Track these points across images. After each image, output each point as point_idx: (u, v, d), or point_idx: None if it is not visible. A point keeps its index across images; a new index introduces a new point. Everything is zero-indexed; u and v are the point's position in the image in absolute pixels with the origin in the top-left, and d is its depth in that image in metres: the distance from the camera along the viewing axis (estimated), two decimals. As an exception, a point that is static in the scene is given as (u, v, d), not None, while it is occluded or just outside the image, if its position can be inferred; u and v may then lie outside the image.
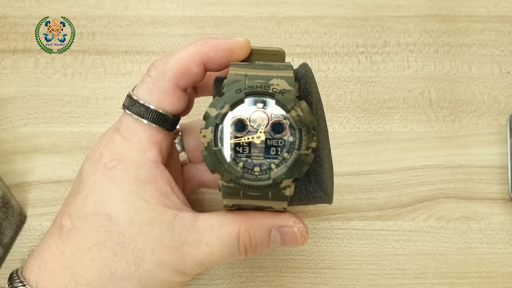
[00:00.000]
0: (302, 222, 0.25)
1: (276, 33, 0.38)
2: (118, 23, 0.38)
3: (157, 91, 0.24)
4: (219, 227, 0.23)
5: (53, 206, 0.34)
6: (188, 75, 0.24)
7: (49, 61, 0.37)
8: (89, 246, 0.23)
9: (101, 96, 0.37)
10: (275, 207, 0.24)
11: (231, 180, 0.23)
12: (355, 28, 0.38)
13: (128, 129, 0.24)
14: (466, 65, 0.37)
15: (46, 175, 0.34)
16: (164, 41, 0.38)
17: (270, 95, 0.23)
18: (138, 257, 0.23)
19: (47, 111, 0.36)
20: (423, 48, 0.38)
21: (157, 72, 0.24)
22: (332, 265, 0.33)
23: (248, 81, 0.23)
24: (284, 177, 0.23)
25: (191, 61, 0.24)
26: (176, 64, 0.24)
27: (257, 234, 0.24)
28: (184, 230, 0.23)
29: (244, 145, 0.23)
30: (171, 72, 0.24)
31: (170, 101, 0.24)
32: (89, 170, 0.24)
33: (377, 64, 0.37)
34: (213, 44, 0.24)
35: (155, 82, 0.24)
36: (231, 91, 0.23)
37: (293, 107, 0.23)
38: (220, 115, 0.23)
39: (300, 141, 0.23)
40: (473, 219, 0.34)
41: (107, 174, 0.24)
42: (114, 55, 0.37)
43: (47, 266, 0.23)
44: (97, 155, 0.24)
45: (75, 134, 0.35)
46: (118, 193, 0.23)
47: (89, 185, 0.24)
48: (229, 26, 0.38)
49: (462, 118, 0.36)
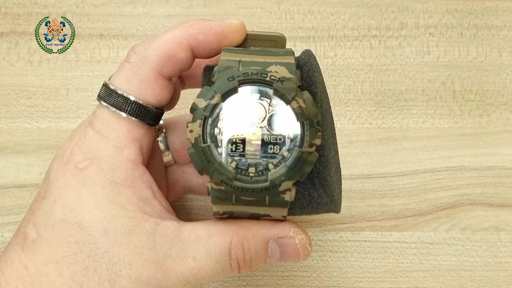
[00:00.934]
0: (304, 232, 0.24)
1: (276, 13, 0.37)
2: (92, 2, 0.37)
3: (138, 79, 0.23)
4: (207, 238, 0.22)
5: (16, 215, 0.33)
6: (173, 61, 0.23)
7: (12, 46, 0.36)
8: (57, 259, 0.22)
9: (72, 86, 0.35)
10: (273, 215, 0.23)
11: (221, 182, 0.22)
12: (366, 7, 0.37)
13: (104, 123, 0.23)
14: (496, 50, 0.36)
15: (8, 179, 0.33)
16: (145, 23, 0.37)
17: (268, 84, 0.22)
18: (113, 273, 0.22)
19: (10, 104, 0.35)
20: (446, 31, 0.37)
21: (137, 57, 0.23)
22: (341, 283, 0.32)
23: (242, 68, 0.22)
24: (284, 178, 0.22)
25: (177, 45, 0.23)
26: (159, 48, 0.23)
27: (252, 247, 0.23)
28: (167, 241, 0.22)
29: (237, 142, 0.22)
30: (154, 58, 0.23)
31: (152, 91, 0.23)
32: (57, 172, 0.23)
33: (393, 49, 0.36)
34: (203, 26, 0.23)
35: (135, 69, 0.23)
36: (222, 79, 0.22)
37: (294, 97, 0.22)
38: (209, 106, 0.22)
39: (302, 137, 0.22)
40: (503, 229, 0.33)
41: (78, 176, 0.23)
42: (88, 39, 0.36)
43: (8, 282, 0.22)
44: (67, 154, 0.23)
45: (42, 131, 0.34)
46: (91, 198, 0.22)
47: (57, 188, 0.23)
48: (220, 5, 0.37)
49: (491, 112, 0.35)
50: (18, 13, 0.36)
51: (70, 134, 0.25)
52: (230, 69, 0.22)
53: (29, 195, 0.32)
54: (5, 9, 0.36)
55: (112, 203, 0.22)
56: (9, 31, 0.36)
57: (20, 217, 0.32)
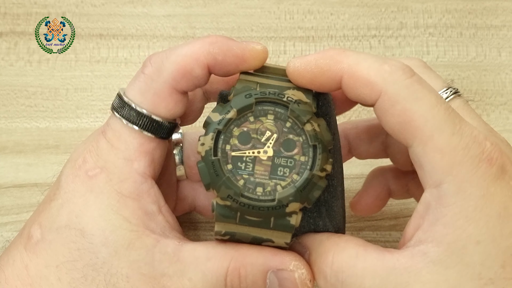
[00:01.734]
0: (305, 267, 0.23)
1: (275, 13, 0.37)
2: (92, 2, 0.37)
3: (151, 93, 0.23)
4: (205, 261, 0.22)
5: (16, 215, 0.33)
6: (188, 78, 0.23)
7: (12, 46, 0.36)
8: (57, 263, 0.22)
9: (71, 86, 0.35)
10: (276, 241, 0.23)
11: (228, 196, 0.21)
12: (366, 7, 0.37)
13: (115, 134, 0.23)
14: (495, 50, 0.36)
15: (7, 179, 0.33)
16: (144, 23, 0.37)
17: (284, 104, 0.22)
18: (110, 284, 0.22)
19: (9, 104, 0.35)
20: (445, 31, 0.37)
21: (153, 69, 0.23)
22: None
23: (260, 89, 0.23)
24: (292, 199, 0.21)
25: (194, 61, 0.23)
26: (176, 62, 0.23)
27: (249, 276, 0.22)
28: (165, 259, 0.22)
29: (247, 161, 0.22)
30: (169, 72, 0.23)
31: (165, 105, 0.23)
32: (68, 176, 0.23)
33: (392, 49, 0.36)
34: (224, 46, 0.23)
35: (149, 81, 0.23)
36: (239, 96, 0.22)
37: (309, 120, 0.22)
38: (224, 120, 0.22)
39: (313, 160, 0.22)
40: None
41: (88, 183, 0.23)
42: (87, 39, 0.36)
43: (7, 281, 0.22)
44: (80, 160, 0.23)
45: (42, 131, 0.34)
46: (96, 206, 0.22)
47: (66, 192, 0.23)
48: (220, 5, 0.37)
49: (490, 112, 0.35)
50: (18, 13, 0.36)
51: (86, 139, 0.25)
52: (248, 89, 0.22)
53: (29, 195, 0.32)
54: (5, 9, 0.37)
55: (116, 214, 0.22)
56: (9, 31, 0.36)
57: (19, 217, 0.32)
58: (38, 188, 0.33)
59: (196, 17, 0.37)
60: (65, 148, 0.34)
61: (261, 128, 0.22)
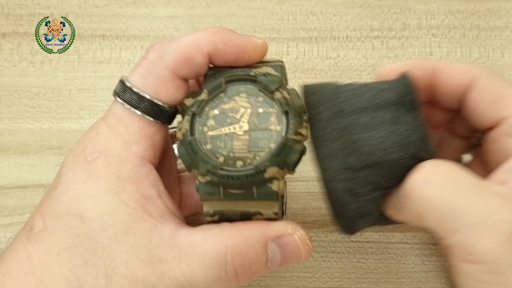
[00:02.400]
0: (302, 228, 0.23)
1: (278, 14, 0.37)
2: (95, 2, 0.37)
3: (153, 77, 0.24)
4: (202, 243, 0.22)
5: (19, 215, 0.33)
6: (190, 64, 0.23)
7: (15, 46, 0.36)
8: (58, 250, 0.22)
9: (74, 87, 0.36)
10: (265, 212, 0.23)
11: (207, 171, 0.22)
12: (369, 8, 0.37)
13: (116, 118, 0.24)
14: (498, 51, 0.36)
15: (11, 179, 0.33)
16: (147, 24, 0.37)
17: (252, 79, 0.23)
18: (110, 269, 0.22)
19: (12, 105, 0.35)
20: (448, 32, 0.37)
21: (155, 55, 0.24)
22: (343, 284, 0.31)
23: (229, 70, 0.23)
24: (268, 163, 0.22)
25: (196, 49, 0.23)
26: (178, 49, 0.23)
27: (251, 250, 0.22)
28: (162, 244, 0.22)
29: (225, 139, 0.22)
30: (171, 57, 0.23)
31: (166, 90, 0.24)
32: (68, 164, 0.24)
33: (395, 50, 0.37)
34: (225, 36, 0.23)
35: (151, 66, 0.24)
36: (209, 78, 0.23)
37: (277, 88, 0.22)
38: (197, 103, 0.23)
39: (287, 125, 0.22)
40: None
41: (86, 168, 0.23)
42: (90, 40, 0.36)
43: (10, 272, 0.22)
44: (80, 148, 0.24)
45: (45, 132, 0.34)
46: (95, 190, 0.22)
47: (65, 180, 0.23)
48: (223, 6, 0.37)
49: None
50: (21, 14, 0.37)
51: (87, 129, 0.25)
52: (221, 73, 0.23)
53: (32, 196, 0.33)
54: (8, 10, 0.37)
55: (115, 198, 0.22)
56: (12, 32, 0.36)
57: (22, 217, 0.32)
58: (41, 189, 0.33)
59: (199, 18, 0.37)
60: (68, 149, 0.34)
61: (235, 106, 0.23)
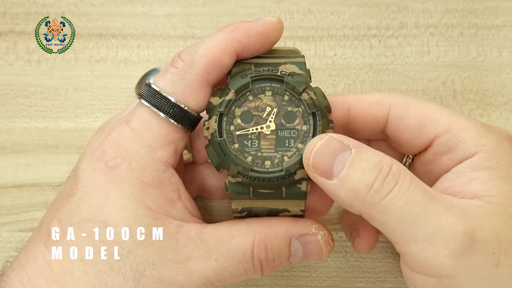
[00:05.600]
0: (326, 228, 0.24)
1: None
2: (91, 1, 0.38)
3: (183, 83, 0.24)
4: (230, 238, 0.23)
5: (15, 215, 0.33)
6: (219, 68, 0.24)
7: (11, 45, 0.37)
8: (81, 257, 0.22)
9: (71, 86, 0.36)
10: (292, 210, 0.24)
11: (238, 173, 0.23)
12: (366, 7, 0.38)
13: (142, 122, 0.24)
14: (496, 50, 0.37)
15: (7, 178, 0.34)
16: (144, 22, 0.37)
17: (279, 79, 0.23)
18: (137, 272, 0.22)
19: (8, 104, 0.35)
20: (446, 31, 0.37)
21: (184, 63, 0.24)
22: (340, 283, 0.32)
23: (254, 68, 0.24)
24: (299, 166, 0.23)
25: (222, 51, 0.24)
26: (205, 55, 0.24)
27: (275, 246, 0.23)
28: (189, 243, 0.23)
29: (252, 138, 0.23)
30: (201, 64, 0.24)
31: (195, 97, 0.24)
32: (86, 169, 0.24)
33: (393, 49, 0.37)
34: (245, 29, 0.24)
35: (181, 74, 0.24)
36: (235, 77, 0.24)
37: (304, 89, 0.23)
38: (224, 102, 0.23)
39: (314, 128, 0.23)
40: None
41: (108, 174, 0.23)
42: (86, 39, 0.37)
43: (31, 280, 0.22)
44: (98, 152, 0.24)
45: (41, 131, 0.35)
46: (118, 197, 0.23)
47: (84, 186, 0.23)
48: (220, 4, 0.38)
49: (491, 112, 0.35)
50: (17, 12, 0.37)
51: (97, 131, 0.25)
52: (243, 70, 0.24)
53: (28, 195, 0.33)
54: (4, 8, 0.37)
55: (139, 203, 0.23)
56: (8, 31, 0.36)
57: (18, 217, 0.33)
58: (37, 188, 0.33)
59: (196, 16, 0.37)
60: (65, 148, 0.34)
61: (261, 105, 0.23)
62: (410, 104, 0.24)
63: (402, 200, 0.20)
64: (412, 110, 0.24)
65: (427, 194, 0.21)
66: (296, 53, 0.26)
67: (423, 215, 0.20)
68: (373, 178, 0.20)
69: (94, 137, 0.25)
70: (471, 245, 0.20)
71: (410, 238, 0.20)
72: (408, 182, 0.21)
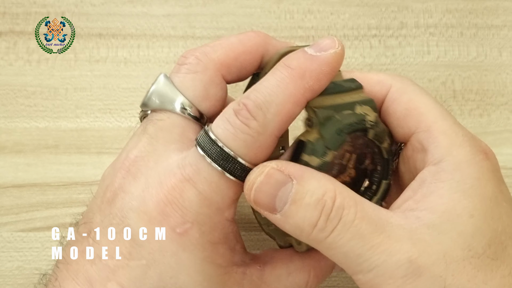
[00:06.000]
0: None
1: (275, 13, 0.38)
2: (91, 1, 0.38)
3: (257, 145, 0.21)
4: (287, 276, 0.24)
5: (15, 215, 0.33)
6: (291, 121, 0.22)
7: (11, 45, 0.37)
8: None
9: (71, 86, 0.36)
10: None
11: None
12: (366, 7, 0.38)
13: (211, 186, 0.22)
14: (496, 50, 0.37)
15: (7, 178, 0.34)
16: (144, 22, 0.37)
17: (365, 130, 0.23)
18: None
19: (8, 104, 0.35)
20: (446, 31, 0.37)
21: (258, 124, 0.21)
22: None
23: (338, 116, 0.22)
24: None
25: (295, 104, 0.21)
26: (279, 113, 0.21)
27: (325, 275, 0.26)
28: (253, 286, 0.24)
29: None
30: (275, 124, 0.21)
31: (265, 155, 0.22)
32: (147, 233, 0.22)
33: (392, 49, 0.37)
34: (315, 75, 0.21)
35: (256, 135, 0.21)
36: (329, 131, 0.22)
37: (386, 139, 0.24)
38: (324, 165, 0.22)
39: (387, 170, 0.24)
40: (503, 229, 0.32)
41: (178, 241, 0.22)
42: (86, 39, 0.37)
43: None
44: (161, 217, 0.22)
45: (41, 131, 0.35)
46: (191, 262, 0.22)
47: (150, 253, 0.22)
48: (220, 4, 0.38)
49: (491, 112, 0.36)
50: (17, 12, 0.37)
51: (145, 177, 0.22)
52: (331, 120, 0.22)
53: (28, 195, 0.33)
54: (4, 8, 0.37)
55: (211, 264, 0.22)
56: (8, 31, 0.36)
57: (18, 217, 0.32)
58: (37, 188, 0.33)
59: (196, 16, 0.37)
60: (65, 148, 0.34)
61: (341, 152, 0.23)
62: (406, 91, 0.24)
63: (347, 235, 0.20)
64: (405, 97, 0.24)
65: (372, 225, 0.20)
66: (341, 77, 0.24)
67: (367, 248, 0.20)
68: (317, 216, 0.20)
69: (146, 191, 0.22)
70: (415, 272, 0.20)
71: (356, 269, 0.20)
72: (352, 215, 0.20)
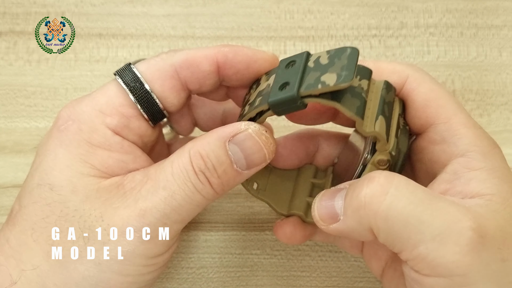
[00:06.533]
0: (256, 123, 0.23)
1: (275, 13, 0.38)
2: (91, 1, 0.38)
3: (156, 67, 0.24)
4: (170, 164, 0.23)
5: None
6: (194, 69, 0.24)
7: (11, 45, 0.37)
8: (32, 225, 0.22)
9: (71, 86, 0.36)
10: None
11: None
12: (366, 7, 0.38)
13: (103, 89, 0.24)
14: (496, 50, 0.37)
15: (7, 178, 0.34)
16: (144, 22, 0.37)
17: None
18: (85, 228, 0.22)
19: (8, 104, 0.35)
20: (446, 31, 0.37)
21: (166, 55, 0.25)
22: (340, 283, 0.32)
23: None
24: None
25: (203, 57, 0.24)
26: (186, 53, 0.24)
27: (210, 152, 0.22)
28: (137, 185, 0.22)
29: None
30: (178, 58, 0.24)
31: (162, 83, 0.24)
32: (42, 140, 0.24)
33: (393, 49, 0.37)
34: (234, 47, 0.24)
35: (158, 59, 0.24)
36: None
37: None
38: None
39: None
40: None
41: (58, 138, 0.23)
42: (86, 39, 0.37)
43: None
44: (55, 120, 0.24)
45: (41, 131, 0.35)
46: (65, 157, 0.23)
47: (39, 156, 0.23)
48: (220, 4, 0.38)
49: (491, 112, 0.36)
50: (17, 12, 0.37)
51: None
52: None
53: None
54: (4, 8, 0.37)
55: (84, 162, 0.23)
56: (8, 31, 0.37)
57: (18, 217, 0.33)
58: (37, 188, 0.34)
59: (196, 16, 0.37)
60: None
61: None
62: (426, 80, 0.24)
63: (404, 200, 0.20)
64: (425, 87, 0.24)
65: (429, 194, 0.21)
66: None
67: (428, 213, 0.20)
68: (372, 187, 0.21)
69: None
70: (479, 240, 0.20)
71: (417, 239, 0.20)
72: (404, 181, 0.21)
